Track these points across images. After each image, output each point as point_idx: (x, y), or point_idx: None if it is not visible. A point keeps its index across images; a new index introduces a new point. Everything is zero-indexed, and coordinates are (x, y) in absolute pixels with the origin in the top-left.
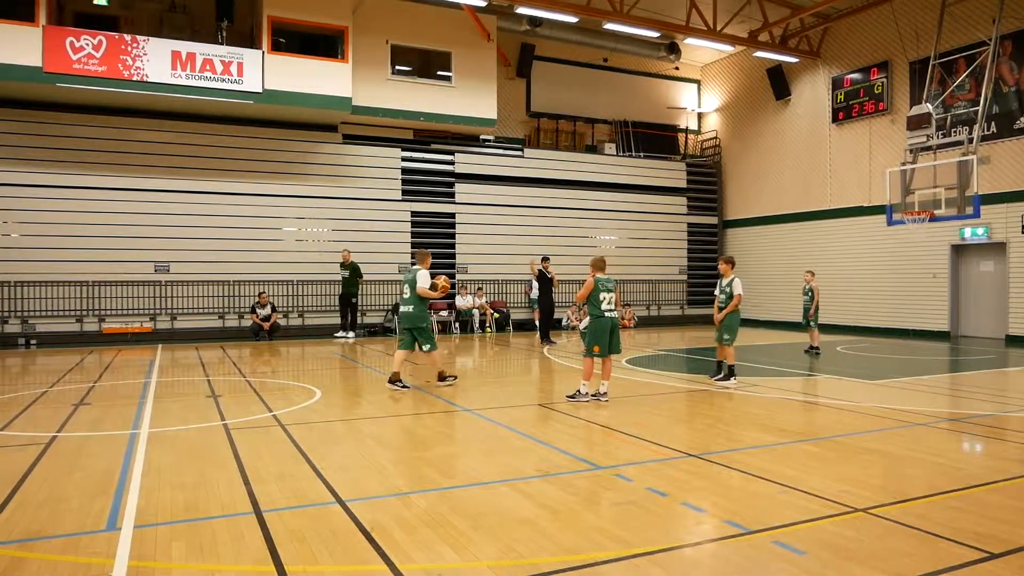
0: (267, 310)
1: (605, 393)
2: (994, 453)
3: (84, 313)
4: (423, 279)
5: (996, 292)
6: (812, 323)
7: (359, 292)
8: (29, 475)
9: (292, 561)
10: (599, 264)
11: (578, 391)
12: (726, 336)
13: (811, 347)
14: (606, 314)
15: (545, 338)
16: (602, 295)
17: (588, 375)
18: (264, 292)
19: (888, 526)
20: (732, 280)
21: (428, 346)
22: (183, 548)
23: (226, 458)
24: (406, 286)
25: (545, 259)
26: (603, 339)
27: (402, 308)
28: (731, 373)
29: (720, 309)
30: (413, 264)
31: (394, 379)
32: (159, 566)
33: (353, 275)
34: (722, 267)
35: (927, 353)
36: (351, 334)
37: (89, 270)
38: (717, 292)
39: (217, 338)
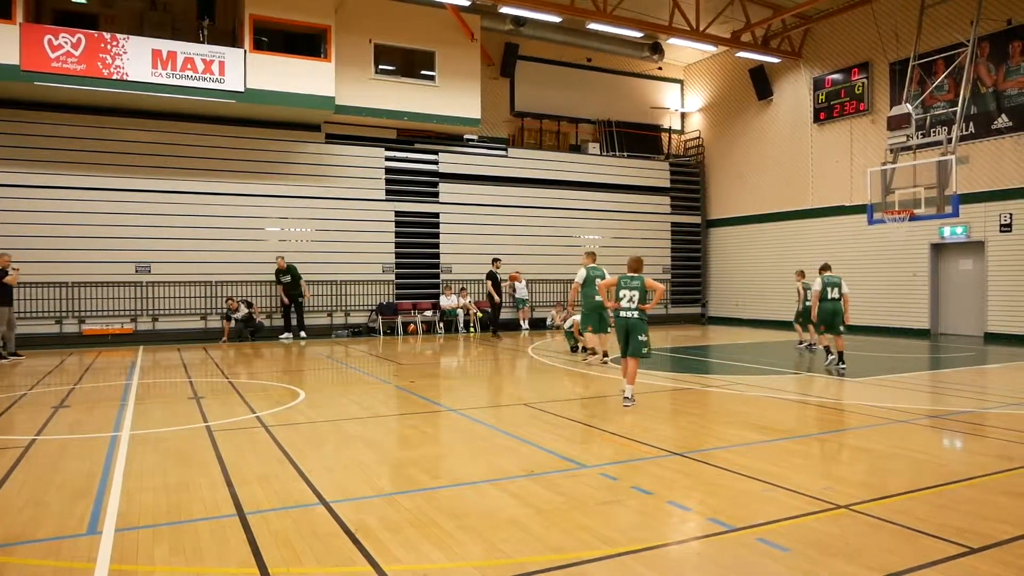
0: (241, 311)
1: (623, 391)
2: (974, 449)
3: (64, 315)
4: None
5: (975, 290)
6: (805, 322)
7: (302, 293)
8: (8, 479)
9: (276, 563)
10: (630, 263)
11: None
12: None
13: (809, 345)
14: (621, 313)
15: (493, 331)
16: (622, 292)
17: (628, 376)
18: (232, 297)
19: (871, 522)
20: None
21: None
22: (166, 551)
23: (209, 460)
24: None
25: (496, 260)
26: (619, 339)
27: (597, 298)
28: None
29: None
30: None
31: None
32: (141, 569)
33: (295, 279)
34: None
35: (908, 351)
36: (302, 334)
37: (68, 271)
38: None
39: (199, 339)
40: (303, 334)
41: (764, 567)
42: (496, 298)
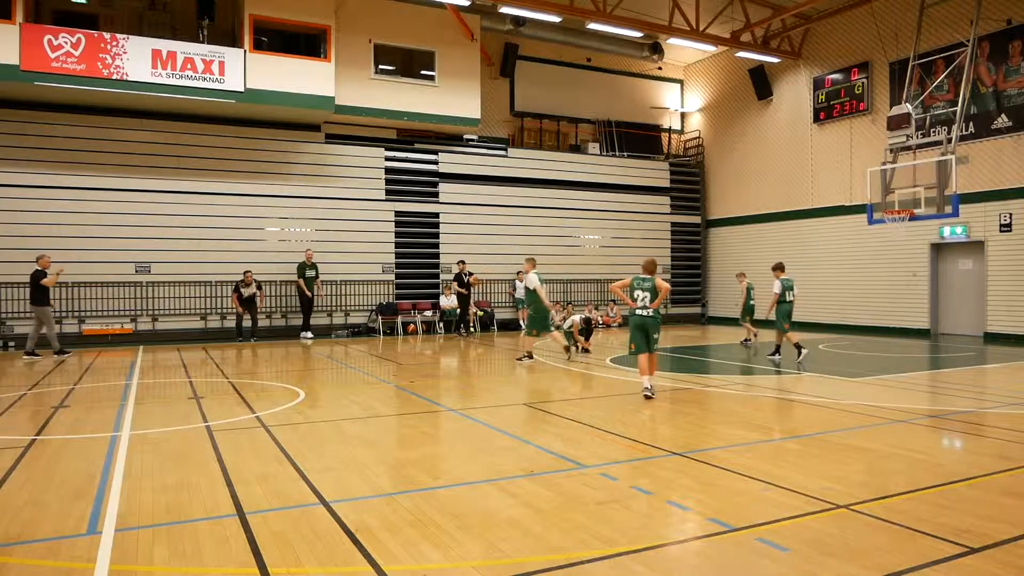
0: (252, 288)
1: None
2: (973, 449)
3: (64, 315)
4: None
5: (974, 290)
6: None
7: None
8: (7, 479)
9: (276, 563)
10: (644, 265)
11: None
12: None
13: (746, 340)
14: (636, 312)
15: (465, 329)
16: (636, 292)
17: (641, 370)
18: (249, 271)
19: (870, 522)
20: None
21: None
22: (165, 551)
23: (209, 460)
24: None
25: (462, 262)
26: (635, 337)
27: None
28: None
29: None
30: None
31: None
32: (141, 569)
33: (317, 274)
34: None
35: (908, 351)
36: (308, 334)
37: (68, 271)
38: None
39: (199, 339)
40: (309, 334)
41: (764, 567)
42: (455, 302)
